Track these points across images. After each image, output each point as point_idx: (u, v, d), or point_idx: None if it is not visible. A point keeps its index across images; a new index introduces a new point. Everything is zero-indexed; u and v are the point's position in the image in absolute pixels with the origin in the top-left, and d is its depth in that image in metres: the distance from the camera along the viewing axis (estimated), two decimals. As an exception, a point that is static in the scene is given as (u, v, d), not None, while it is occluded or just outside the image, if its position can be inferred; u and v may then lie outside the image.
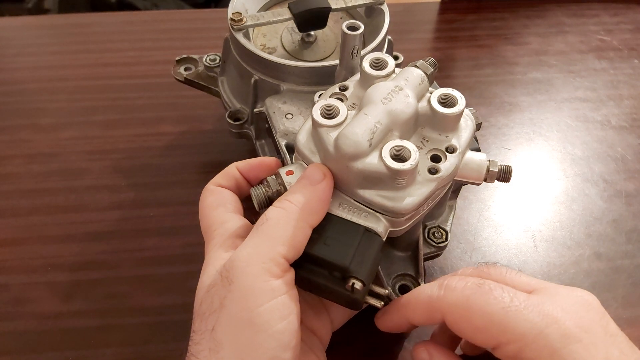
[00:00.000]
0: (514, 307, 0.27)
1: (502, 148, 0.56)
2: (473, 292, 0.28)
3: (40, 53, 0.66)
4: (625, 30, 0.72)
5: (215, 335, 0.27)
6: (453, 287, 0.29)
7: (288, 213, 0.29)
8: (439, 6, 0.76)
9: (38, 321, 0.41)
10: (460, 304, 0.28)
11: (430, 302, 0.29)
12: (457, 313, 0.28)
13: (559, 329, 0.26)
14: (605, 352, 0.26)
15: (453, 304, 0.28)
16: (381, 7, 0.46)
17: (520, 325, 0.26)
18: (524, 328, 0.26)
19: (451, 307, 0.28)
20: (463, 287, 0.28)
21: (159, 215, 0.49)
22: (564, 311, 0.27)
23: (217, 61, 0.51)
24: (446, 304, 0.29)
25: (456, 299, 0.28)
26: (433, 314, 0.29)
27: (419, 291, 0.31)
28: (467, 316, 0.28)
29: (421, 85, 0.33)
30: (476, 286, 0.28)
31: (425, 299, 0.30)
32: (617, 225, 0.49)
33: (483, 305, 0.27)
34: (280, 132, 0.40)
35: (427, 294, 0.30)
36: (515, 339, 0.26)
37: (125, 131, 0.56)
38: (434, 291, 0.30)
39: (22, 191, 0.50)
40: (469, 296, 0.28)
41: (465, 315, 0.28)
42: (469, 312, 0.28)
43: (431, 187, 0.31)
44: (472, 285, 0.28)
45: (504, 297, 0.27)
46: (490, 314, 0.27)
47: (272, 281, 0.27)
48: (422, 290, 0.31)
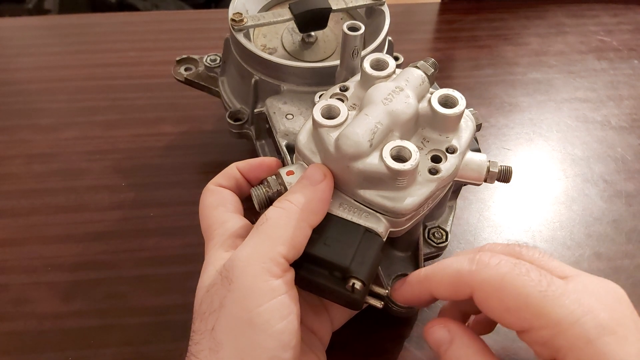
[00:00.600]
0: (551, 292, 0.26)
1: (502, 148, 0.56)
2: (509, 271, 0.26)
3: (40, 53, 0.66)
4: (625, 31, 0.72)
5: (215, 335, 0.27)
6: (486, 262, 0.27)
7: (288, 213, 0.29)
8: (439, 7, 0.76)
9: (38, 321, 0.41)
10: (493, 282, 0.26)
11: (459, 276, 0.28)
12: (490, 291, 0.27)
13: (595, 319, 0.25)
14: (637, 346, 0.25)
15: (486, 280, 0.27)
16: (382, 7, 0.46)
17: (557, 312, 0.25)
18: (561, 315, 0.25)
19: (483, 283, 0.27)
20: (497, 265, 0.27)
21: (159, 215, 0.49)
22: (599, 302, 0.26)
23: (217, 61, 0.51)
24: (478, 279, 0.27)
25: (489, 276, 0.27)
26: (461, 288, 0.28)
27: (447, 264, 0.29)
28: (500, 295, 0.26)
29: (422, 86, 0.33)
30: (512, 265, 0.27)
31: (453, 273, 0.28)
32: (617, 225, 0.49)
33: (519, 287, 0.26)
34: (280, 133, 0.40)
35: (456, 268, 0.28)
36: (550, 325, 0.25)
37: (125, 131, 0.56)
38: (464, 265, 0.28)
39: (22, 191, 0.50)
40: (504, 275, 0.26)
41: (498, 294, 0.26)
42: (502, 292, 0.26)
43: (431, 188, 0.31)
44: (508, 263, 0.27)
45: (542, 280, 0.26)
46: (526, 296, 0.26)
47: (272, 281, 0.27)
48: (449, 263, 0.29)
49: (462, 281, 0.28)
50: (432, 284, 0.30)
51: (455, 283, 0.28)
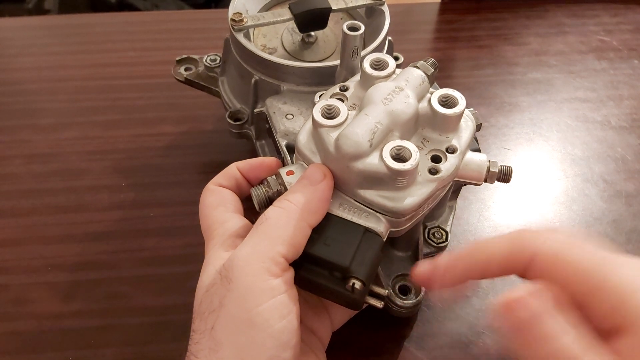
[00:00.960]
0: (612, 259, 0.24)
1: (502, 148, 0.56)
2: (568, 238, 0.25)
3: (40, 53, 0.66)
4: (625, 31, 0.72)
5: (214, 334, 0.27)
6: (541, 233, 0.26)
7: (288, 212, 0.29)
8: (439, 6, 0.76)
9: (38, 321, 0.41)
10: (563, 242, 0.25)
11: (518, 239, 0.26)
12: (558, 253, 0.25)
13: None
14: None
15: (551, 239, 0.25)
16: (381, 7, 0.46)
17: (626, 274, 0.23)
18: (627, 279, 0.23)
19: (547, 242, 0.25)
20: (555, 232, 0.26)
21: (159, 215, 0.49)
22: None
23: (217, 61, 0.51)
24: (542, 240, 0.25)
25: (557, 238, 0.25)
26: (520, 253, 0.25)
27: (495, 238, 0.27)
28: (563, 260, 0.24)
29: (422, 86, 0.33)
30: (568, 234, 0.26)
31: (509, 237, 0.26)
32: (617, 225, 0.49)
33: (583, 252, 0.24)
34: (280, 133, 0.40)
35: (513, 236, 0.26)
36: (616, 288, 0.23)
37: (125, 131, 0.56)
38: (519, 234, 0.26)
39: (22, 191, 0.50)
40: (565, 240, 0.25)
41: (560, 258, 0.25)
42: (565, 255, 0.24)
43: (432, 188, 0.31)
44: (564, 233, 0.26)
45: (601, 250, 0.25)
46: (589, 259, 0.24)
47: (271, 280, 0.27)
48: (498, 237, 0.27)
49: (522, 244, 0.26)
50: (484, 254, 0.27)
51: (514, 248, 0.26)
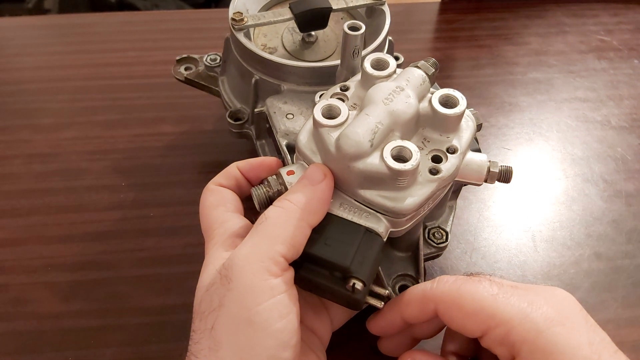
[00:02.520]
0: (501, 295, 0.29)
1: (502, 148, 0.56)
2: (464, 282, 0.30)
3: (40, 53, 0.66)
4: (625, 30, 0.72)
5: (214, 334, 0.27)
6: (445, 280, 0.31)
7: (288, 212, 0.29)
8: (439, 6, 0.76)
9: (38, 321, 0.41)
10: (452, 292, 0.30)
11: (424, 294, 0.31)
12: (449, 301, 0.30)
13: (543, 313, 0.27)
14: (587, 337, 0.27)
15: (445, 292, 0.30)
16: (382, 7, 0.46)
17: (508, 310, 0.28)
18: (512, 312, 0.28)
19: (444, 294, 0.30)
20: (455, 280, 0.31)
21: (159, 215, 0.49)
22: (546, 300, 0.28)
23: (217, 61, 0.51)
24: (439, 292, 0.30)
25: (448, 288, 0.30)
26: (426, 305, 0.31)
27: (414, 287, 0.33)
28: (459, 303, 0.29)
29: (422, 86, 0.33)
30: (467, 277, 0.31)
31: (419, 292, 0.31)
32: (617, 225, 0.49)
33: (473, 292, 0.29)
34: (281, 132, 0.40)
35: (421, 288, 0.32)
36: (503, 322, 0.28)
37: (125, 131, 0.56)
38: (427, 285, 0.31)
39: (22, 191, 0.50)
40: (460, 286, 0.30)
41: (457, 302, 0.29)
42: (460, 299, 0.29)
43: (432, 188, 0.31)
44: (464, 277, 0.31)
45: (493, 286, 0.29)
46: (480, 299, 0.29)
47: (271, 280, 0.27)
48: (416, 286, 0.33)
49: (426, 298, 0.31)
50: (402, 306, 0.32)
51: (421, 301, 0.31)
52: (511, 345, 0.27)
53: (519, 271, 0.46)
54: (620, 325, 0.43)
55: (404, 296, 0.33)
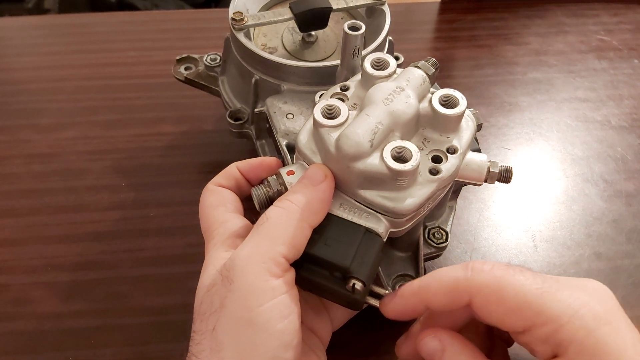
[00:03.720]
0: (547, 288, 0.26)
1: (502, 148, 0.56)
2: (504, 273, 0.27)
3: (40, 53, 0.66)
4: (625, 30, 0.72)
5: (216, 335, 0.27)
6: (481, 268, 0.27)
7: (289, 213, 0.29)
8: (439, 6, 0.76)
9: (38, 321, 0.41)
10: (491, 284, 0.27)
11: (456, 283, 0.28)
12: (488, 294, 0.27)
13: (591, 310, 0.25)
14: (631, 337, 0.26)
15: (484, 284, 0.27)
16: (382, 7, 0.46)
17: (556, 306, 0.26)
18: (560, 309, 0.25)
19: (482, 287, 0.27)
20: (492, 268, 0.27)
21: (159, 215, 0.49)
22: (591, 295, 0.26)
23: (217, 61, 0.51)
24: (476, 284, 0.27)
25: (487, 279, 0.27)
26: (459, 295, 0.28)
27: (442, 272, 0.29)
28: (500, 297, 0.26)
29: (422, 86, 0.33)
30: (506, 267, 0.27)
31: (450, 281, 0.28)
32: (617, 225, 0.49)
33: (517, 286, 0.26)
34: (281, 132, 0.40)
35: (453, 276, 0.28)
36: (551, 320, 0.25)
37: (125, 131, 0.56)
38: (460, 273, 0.28)
39: (22, 191, 0.50)
40: (501, 277, 0.27)
41: (497, 295, 0.26)
42: (501, 293, 0.26)
43: (432, 188, 0.31)
44: (501, 266, 0.27)
45: (536, 278, 0.27)
46: (524, 294, 0.26)
47: (272, 280, 0.27)
48: (445, 271, 0.29)
49: (459, 288, 0.28)
50: (428, 294, 0.29)
51: (453, 290, 0.28)
52: (557, 344, 0.25)
53: (519, 271, 0.46)
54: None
55: (431, 283, 0.29)
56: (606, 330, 0.25)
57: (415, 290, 0.30)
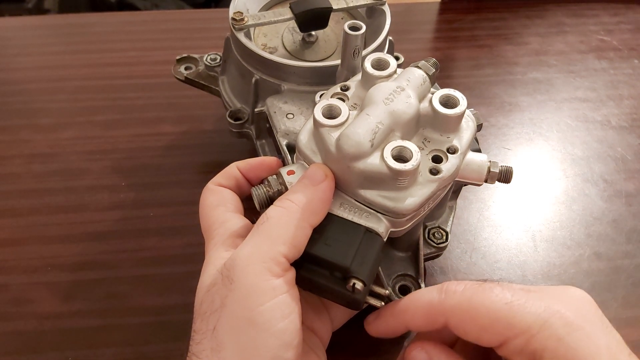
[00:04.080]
0: (516, 302, 0.27)
1: (502, 148, 0.56)
2: (474, 292, 0.28)
3: (40, 53, 0.66)
4: (625, 30, 0.72)
5: (216, 334, 0.27)
6: (453, 290, 0.29)
7: (289, 212, 0.29)
8: (439, 6, 0.76)
9: (38, 321, 0.41)
10: (463, 305, 0.28)
11: (431, 306, 0.29)
12: (461, 314, 0.28)
13: (562, 318, 0.26)
14: (605, 340, 0.26)
15: (456, 305, 0.28)
16: (382, 7, 0.46)
17: (526, 318, 0.26)
18: (530, 320, 0.26)
19: (454, 308, 0.28)
20: (464, 289, 0.29)
21: (159, 215, 0.49)
22: (563, 303, 0.27)
23: (217, 60, 0.51)
24: (449, 306, 0.28)
25: (458, 301, 0.28)
26: (435, 318, 0.29)
27: (418, 295, 0.31)
28: (472, 316, 0.28)
29: (423, 86, 0.33)
30: (477, 286, 0.29)
31: (425, 304, 0.30)
32: (617, 225, 0.49)
33: (487, 303, 0.27)
34: (281, 132, 0.40)
35: (427, 299, 0.29)
36: (521, 332, 0.26)
37: (125, 131, 0.56)
38: (434, 295, 0.29)
39: (22, 191, 0.50)
40: (471, 296, 0.28)
41: (470, 315, 0.28)
42: (473, 312, 0.28)
43: (432, 188, 0.31)
44: (472, 285, 0.29)
45: (505, 293, 0.28)
46: (494, 310, 0.27)
47: (272, 280, 0.27)
48: (420, 294, 0.30)
49: (434, 311, 0.29)
50: (407, 316, 0.30)
51: (429, 313, 0.29)
52: (531, 354, 0.26)
53: (519, 271, 0.46)
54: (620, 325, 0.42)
55: (408, 306, 0.31)
56: (578, 336, 0.26)
57: (395, 312, 0.31)
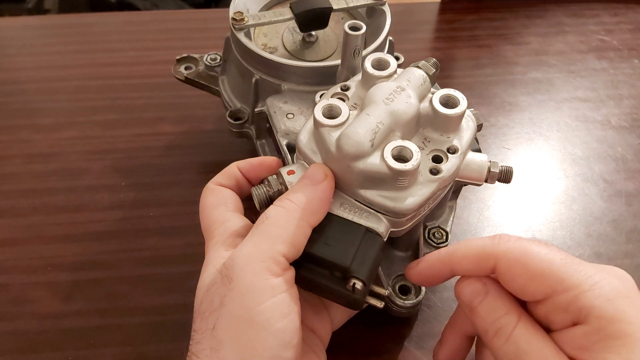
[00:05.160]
0: (570, 260, 0.27)
1: (502, 148, 0.56)
2: (530, 243, 0.28)
3: (40, 53, 0.66)
4: (625, 30, 0.72)
5: (216, 334, 0.27)
6: (507, 237, 0.29)
7: (289, 212, 0.29)
8: (439, 6, 0.76)
9: (38, 321, 0.41)
10: (517, 251, 0.28)
11: (483, 248, 0.29)
12: (513, 259, 0.28)
13: (610, 283, 0.26)
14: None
15: (510, 249, 0.28)
16: (382, 7, 0.46)
17: (577, 276, 0.26)
18: (582, 278, 0.26)
19: (507, 252, 0.28)
20: (518, 238, 0.29)
21: (159, 215, 0.49)
22: (611, 274, 0.27)
23: (217, 60, 0.51)
24: (503, 249, 0.28)
25: (513, 246, 0.28)
26: (485, 261, 0.29)
27: (469, 240, 0.31)
28: (524, 263, 0.27)
29: (423, 86, 0.33)
30: (532, 239, 0.29)
31: (477, 246, 0.29)
32: (617, 225, 0.49)
33: (541, 254, 0.27)
34: (281, 132, 0.40)
35: (480, 243, 0.29)
36: (572, 287, 0.26)
37: (125, 131, 0.56)
38: (487, 240, 0.29)
39: (22, 191, 0.50)
40: (526, 245, 0.28)
41: (522, 261, 0.27)
42: (525, 259, 0.27)
43: (433, 188, 0.31)
44: (527, 238, 0.29)
45: (560, 252, 0.28)
46: (548, 261, 0.27)
47: (272, 279, 0.27)
48: (472, 240, 0.30)
49: (486, 253, 0.29)
50: (455, 258, 0.30)
51: (479, 255, 0.29)
52: (577, 312, 0.26)
53: (519, 271, 0.46)
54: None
55: (459, 250, 0.30)
56: (625, 302, 0.26)
57: (442, 257, 0.31)
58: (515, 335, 0.27)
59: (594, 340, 0.25)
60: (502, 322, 0.28)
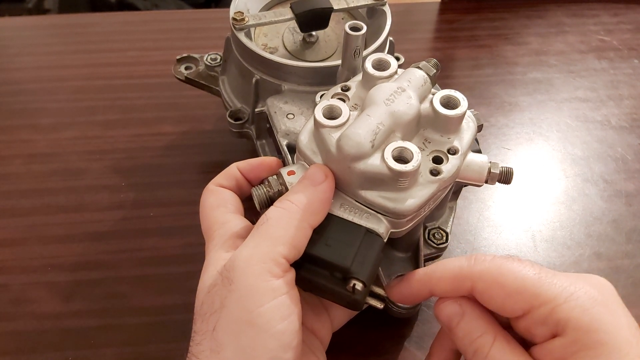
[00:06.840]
0: (544, 275, 0.28)
1: (502, 148, 0.56)
2: (504, 261, 0.29)
3: (40, 53, 0.66)
4: (625, 30, 0.72)
5: (216, 335, 0.27)
6: (483, 258, 0.30)
7: (289, 213, 0.29)
8: (439, 6, 0.76)
9: (38, 321, 0.41)
10: (492, 271, 0.29)
11: (460, 270, 0.30)
12: (490, 279, 0.28)
13: (587, 293, 0.27)
14: (627, 320, 0.27)
15: (485, 270, 0.29)
16: (383, 8, 0.46)
17: (553, 289, 0.27)
18: (556, 291, 0.27)
19: (483, 273, 0.29)
20: (493, 258, 0.29)
21: (159, 215, 0.49)
22: (589, 283, 0.28)
23: (217, 60, 0.51)
24: (478, 271, 0.29)
25: (488, 267, 0.29)
26: (462, 282, 0.29)
27: (446, 261, 0.31)
28: (500, 282, 0.28)
29: (424, 87, 0.33)
30: (506, 257, 0.29)
31: (454, 268, 0.30)
32: (617, 225, 0.49)
33: (516, 271, 0.28)
34: (281, 132, 0.40)
35: (457, 264, 0.30)
36: (548, 301, 0.27)
37: (125, 131, 0.56)
38: (463, 262, 0.30)
39: (22, 191, 0.50)
40: (501, 264, 0.29)
41: (498, 281, 0.28)
42: (501, 278, 0.28)
43: (433, 189, 0.31)
44: (502, 257, 0.29)
45: (534, 267, 0.28)
46: (523, 278, 0.28)
47: (272, 281, 0.27)
48: (449, 261, 0.31)
49: (462, 275, 0.29)
50: (433, 280, 0.31)
51: (456, 277, 0.30)
52: (555, 324, 0.27)
53: (519, 271, 0.46)
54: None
55: (435, 271, 0.31)
56: (602, 310, 0.26)
57: (421, 277, 0.32)
58: (492, 356, 0.28)
59: (572, 351, 0.26)
60: (478, 343, 0.29)
